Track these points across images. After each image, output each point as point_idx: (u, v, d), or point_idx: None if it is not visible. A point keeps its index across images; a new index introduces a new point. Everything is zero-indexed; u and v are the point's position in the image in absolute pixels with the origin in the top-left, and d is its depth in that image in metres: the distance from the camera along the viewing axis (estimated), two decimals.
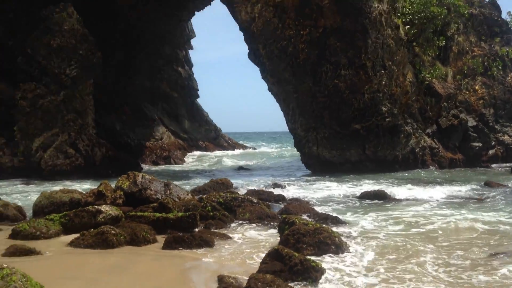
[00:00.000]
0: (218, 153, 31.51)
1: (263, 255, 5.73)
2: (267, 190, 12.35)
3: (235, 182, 14.45)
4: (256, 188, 12.70)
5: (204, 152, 31.26)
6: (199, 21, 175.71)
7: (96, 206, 7.77)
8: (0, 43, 22.22)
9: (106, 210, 7.61)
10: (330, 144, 19.98)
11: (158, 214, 7.73)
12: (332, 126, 19.90)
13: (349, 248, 6.63)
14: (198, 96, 33.66)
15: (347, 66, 19.51)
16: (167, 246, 6.66)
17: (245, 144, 37.52)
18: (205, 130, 33.92)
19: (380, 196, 11.77)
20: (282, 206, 10.10)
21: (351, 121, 19.60)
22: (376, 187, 13.06)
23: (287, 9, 19.93)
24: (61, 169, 17.16)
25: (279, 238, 6.77)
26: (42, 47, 18.86)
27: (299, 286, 5.04)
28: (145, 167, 23.23)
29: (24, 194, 12.52)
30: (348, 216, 9.39)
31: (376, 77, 19.35)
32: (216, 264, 5.83)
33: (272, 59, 20.29)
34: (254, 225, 8.28)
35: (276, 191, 12.33)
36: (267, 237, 7.33)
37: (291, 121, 20.80)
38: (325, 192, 12.66)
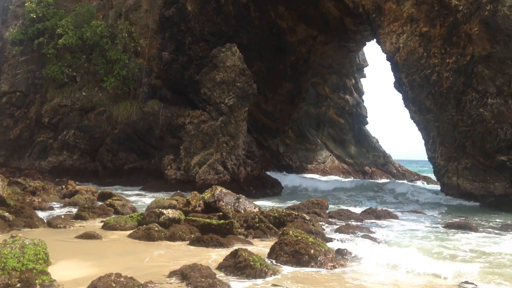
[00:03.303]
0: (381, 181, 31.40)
1: None
2: (355, 213, 13.04)
3: (343, 206, 15.21)
4: (350, 209, 13.51)
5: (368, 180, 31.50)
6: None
7: (161, 209, 9.95)
8: (190, 78, 27.16)
9: (168, 213, 9.72)
10: (472, 175, 18.93)
11: (207, 220, 9.51)
12: (475, 157, 18.85)
13: (333, 260, 7.33)
14: (367, 123, 34.27)
15: (495, 95, 18.37)
16: (191, 243, 8.39)
17: (418, 173, 36.32)
18: (373, 156, 34.23)
19: (464, 227, 11.48)
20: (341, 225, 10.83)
21: (497, 152, 18.29)
22: None
23: (434, 38, 19.82)
24: (210, 183, 20.17)
25: None
26: (209, 81, 22.53)
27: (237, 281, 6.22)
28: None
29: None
30: (398, 238, 9.65)
31: None
32: (203, 257, 7.34)
33: (414, 88, 20.29)
34: None
35: (365, 216, 12.90)
36: None
37: (430, 150, 20.30)
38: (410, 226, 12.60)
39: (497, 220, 13.92)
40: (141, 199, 16.54)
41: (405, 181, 30.91)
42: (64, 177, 23.62)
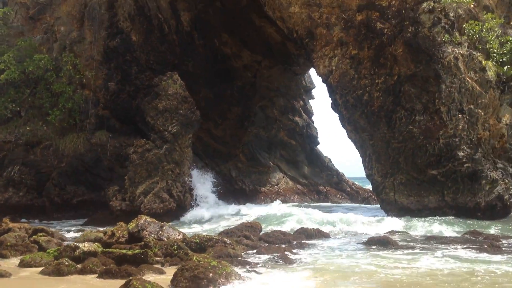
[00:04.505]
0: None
1: None
2: (287, 233, 13.45)
3: (286, 224, 15.67)
4: (282, 230, 13.91)
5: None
6: None
7: (76, 243, 10.11)
8: (138, 107, 27.29)
9: (83, 246, 9.89)
10: (407, 190, 19.68)
11: (122, 251, 9.71)
12: (408, 172, 19.65)
13: (234, 282, 7.65)
14: (318, 143, 34.95)
15: (421, 111, 19.33)
16: (100, 276, 8.57)
17: (371, 190, 37.01)
18: (327, 175, 34.83)
19: (384, 243, 11.99)
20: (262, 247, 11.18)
21: (427, 166, 19.15)
22: None
23: (363, 60, 20.76)
24: (155, 212, 20.30)
25: None
26: (151, 109, 22.79)
27: None
28: None
29: None
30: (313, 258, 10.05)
31: (451, 121, 18.68)
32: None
33: (348, 108, 21.08)
34: None
35: (295, 237, 13.32)
36: None
37: (368, 167, 21.01)
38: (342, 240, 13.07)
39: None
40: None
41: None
42: (10, 215, 23.19)
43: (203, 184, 25.84)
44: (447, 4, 18.99)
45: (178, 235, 11.48)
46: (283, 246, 11.71)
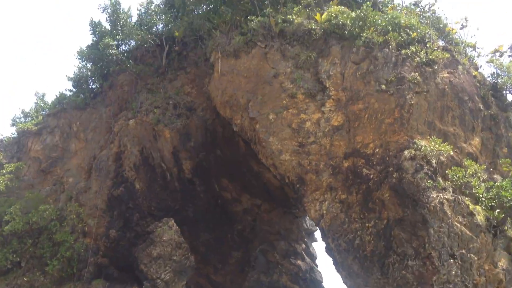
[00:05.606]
0: None
1: None
2: None
3: None
4: None
5: None
6: None
7: None
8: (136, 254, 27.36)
9: None
10: None
11: None
12: None
13: None
14: None
15: (413, 256, 19.01)
16: None
17: None
18: None
19: None
20: None
21: None
22: None
23: (352, 204, 21.10)
24: None
25: None
26: (146, 256, 22.91)
27: None
28: None
29: None
30: None
31: (443, 267, 18.25)
32: None
33: (341, 252, 20.90)
34: None
35: None
36: None
37: None
38: None
39: None
40: None
41: None
42: None
43: None
44: (427, 152, 19.71)
45: None
46: None
